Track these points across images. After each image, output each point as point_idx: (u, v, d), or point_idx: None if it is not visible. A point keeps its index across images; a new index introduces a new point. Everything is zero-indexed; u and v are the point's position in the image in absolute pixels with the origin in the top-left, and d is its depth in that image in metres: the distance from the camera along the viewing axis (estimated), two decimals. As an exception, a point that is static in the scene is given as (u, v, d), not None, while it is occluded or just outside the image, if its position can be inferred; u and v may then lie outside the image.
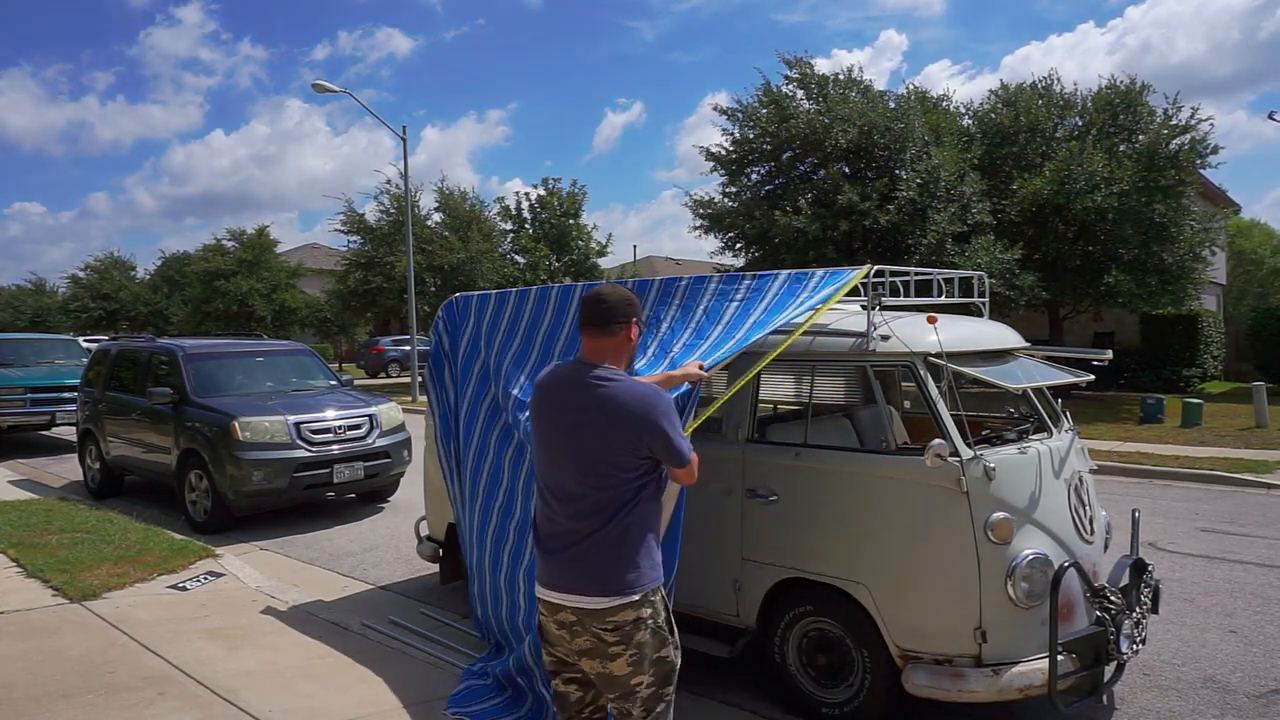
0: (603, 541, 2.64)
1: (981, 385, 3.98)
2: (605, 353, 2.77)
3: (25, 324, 41.19)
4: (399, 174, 26.57)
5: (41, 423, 13.41)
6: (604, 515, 2.65)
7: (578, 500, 2.68)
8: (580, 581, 2.65)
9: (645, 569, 2.68)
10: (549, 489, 2.77)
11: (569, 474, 2.70)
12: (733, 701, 4.27)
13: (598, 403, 2.66)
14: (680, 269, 44.80)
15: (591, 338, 2.79)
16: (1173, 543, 7.31)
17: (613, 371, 2.73)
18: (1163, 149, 17.59)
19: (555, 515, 2.74)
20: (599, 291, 2.84)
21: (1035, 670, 3.49)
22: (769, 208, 18.12)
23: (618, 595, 2.62)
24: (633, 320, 2.82)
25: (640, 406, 2.65)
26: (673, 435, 2.68)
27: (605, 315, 2.77)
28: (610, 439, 2.64)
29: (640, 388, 2.72)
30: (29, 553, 6.59)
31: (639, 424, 2.63)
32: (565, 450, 2.71)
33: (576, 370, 2.77)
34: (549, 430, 2.78)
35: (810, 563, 3.92)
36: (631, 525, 2.67)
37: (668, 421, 2.67)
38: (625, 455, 2.64)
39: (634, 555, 2.66)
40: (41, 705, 4.02)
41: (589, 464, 2.66)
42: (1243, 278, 38.75)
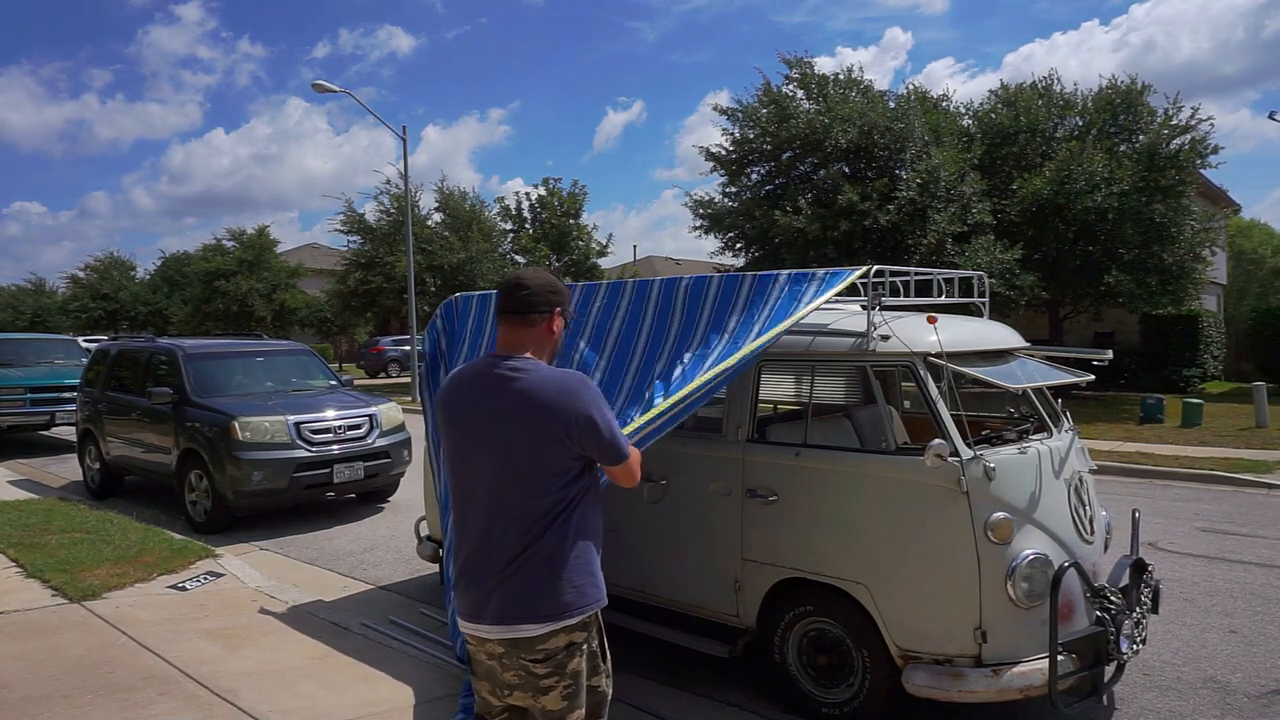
0: (534, 561, 2.30)
1: (981, 385, 3.98)
2: (523, 345, 2.44)
3: (25, 324, 41.18)
4: (399, 174, 26.59)
5: (41, 423, 13.41)
6: (534, 530, 2.31)
7: (501, 515, 2.34)
8: (509, 610, 2.30)
9: (586, 588, 2.36)
10: (466, 505, 2.42)
11: (488, 484, 2.36)
12: (733, 701, 4.27)
13: (514, 397, 2.33)
14: (680, 269, 44.80)
15: (509, 327, 2.46)
16: (1173, 543, 7.31)
17: (529, 361, 2.41)
18: (1163, 149, 17.59)
19: (475, 535, 2.38)
20: (520, 275, 2.51)
21: (1035, 670, 3.49)
22: (769, 208, 18.11)
23: (552, 620, 2.30)
24: (556, 310, 2.49)
25: (564, 396, 2.32)
26: (605, 426, 2.36)
27: (525, 302, 2.45)
28: (533, 438, 2.31)
29: (562, 375, 2.39)
30: (29, 553, 6.59)
31: (564, 416, 2.30)
32: (481, 457, 2.37)
33: (487, 364, 2.44)
34: (460, 436, 2.44)
35: (810, 563, 3.92)
36: (568, 538, 2.34)
37: (598, 411, 2.35)
38: (553, 456, 2.32)
39: (572, 573, 2.33)
40: (41, 705, 4.02)
41: (511, 470, 2.33)
42: (1243, 278, 38.75)
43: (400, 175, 25.04)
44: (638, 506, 4.54)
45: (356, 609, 5.67)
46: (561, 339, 2.59)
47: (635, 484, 2.57)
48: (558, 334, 2.53)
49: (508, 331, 2.46)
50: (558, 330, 2.52)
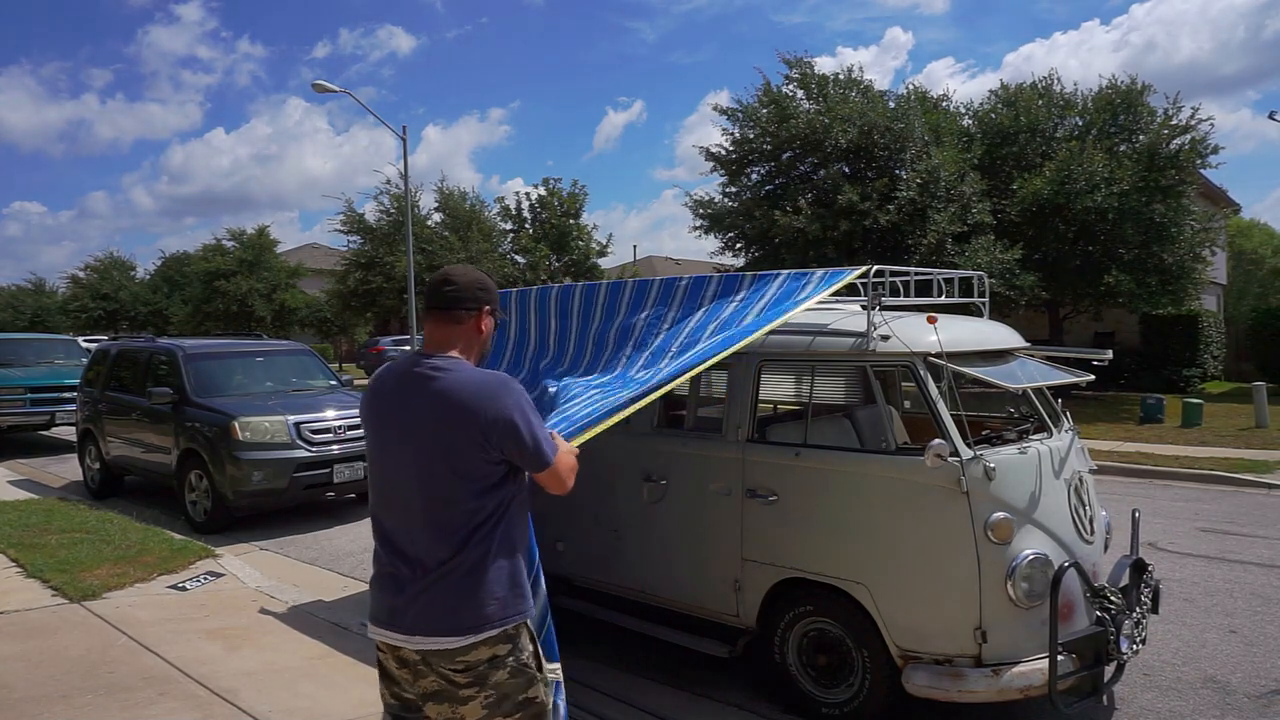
0: (456, 572, 2.20)
1: (981, 385, 3.98)
2: (450, 343, 2.34)
3: (25, 324, 41.19)
4: (399, 174, 26.61)
5: (41, 423, 13.41)
6: (455, 539, 2.21)
7: (420, 521, 2.24)
8: (427, 621, 2.21)
9: (509, 600, 2.26)
10: (386, 509, 2.32)
11: (408, 490, 2.25)
12: (733, 701, 4.27)
13: (432, 397, 2.23)
14: (680, 269, 44.80)
15: (435, 324, 2.36)
16: (1173, 543, 7.31)
17: (451, 360, 2.29)
18: (1163, 149, 17.59)
19: (395, 542, 2.28)
20: (447, 271, 2.41)
21: (1035, 670, 3.49)
22: (769, 208, 18.11)
23: (472, 633, 2.20)
24: (484, 308, 2.39)
25: (482, 397, 2.20)
26: (527, 431, 2.24)
27: (451, 298, 2.34)
28: (450, 440, 2.20)
29: (483, 375, 2.28)
30: (29, 553, 6.59)
31: (481, 418, 2.18)
32: (401, 460, 2.27)
33: (410, 362, 2.33)
34: (381, 436, 2.34)
35: (810, 563, 3.92)
36: (491, 548, 2.24)
37: (520, 414, 2.23)
38: (472, 460, 2.21)
39: (495, 585, 2.23)
40: (41, 705, 4.02)
41: (430, 475, 2.22)
42: (1243, 278, 38.73)
43: (400, 175, 25.06)
44: (638, 506, 4.54)
45: (356, 609, 5.67)
46: (491, 340, 2.50)
47: (565, 491, 2.45)
48: (486, 333, 2.43)
49: (434, 329, 2.36)
50: (486, 329, 2.42)
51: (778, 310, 3.79)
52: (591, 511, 4.78)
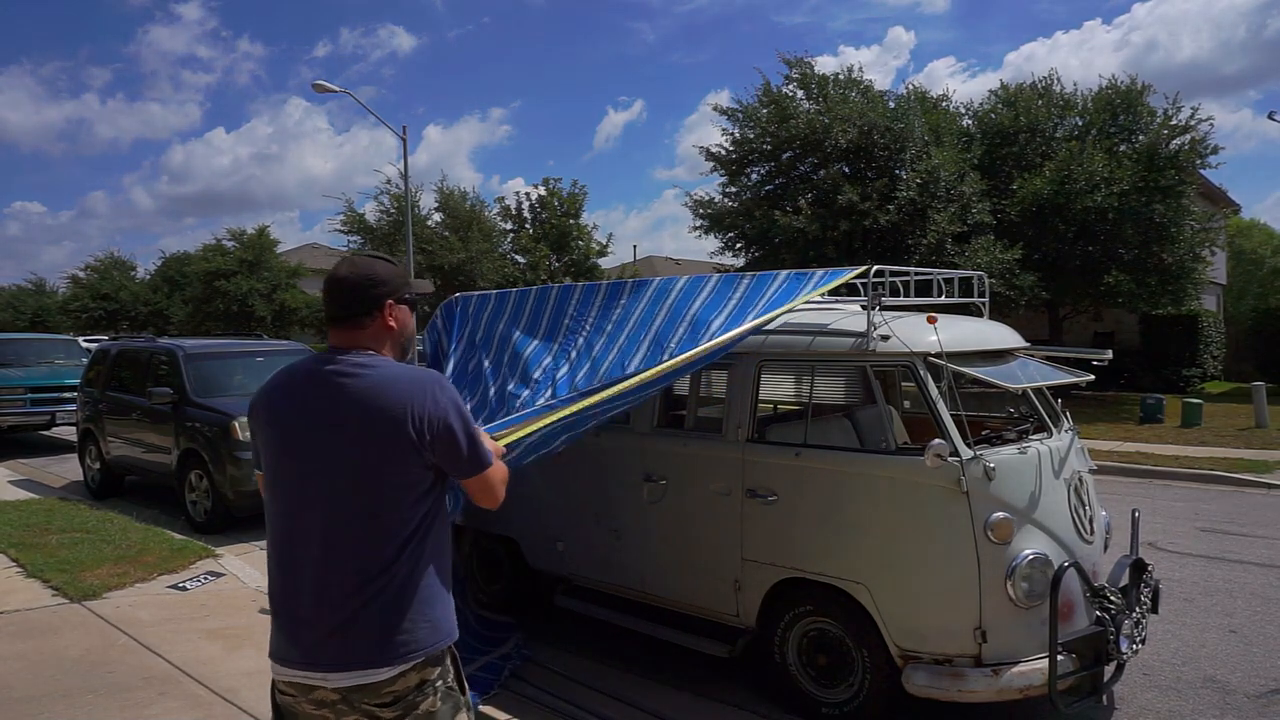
0: (384, 593, 1.95)
1: (981, 385, 3.99)
2: (361, 345, 2.09)
3: (25, 324, 41.20)
4: (399, 173, 26.62)
5: (42, 423, 13.41)
6: (380, 558, 1.96)
7: (338, 543, 1.97)
8: (352, 654, 1.95)
9: (440, 621, 2.04)
10: (290, 532, 2.03)
11: (320, 507, 1.99)
12: (733, 701, 4.27)
13: (354, 399, 1.97)
14: (680, 269, 44.80)
15: (335, 332, 2.10)
16: (1172, 543, 7.32)
17: (372, 357, 2.05)
18: (1163, 149, 17.61)
19: (303, 569, 1.99)
20: (334, 274, 2.11)
21: (1035, 670, 3.49)
22: (769, 208, 18.12)
23: (402, 660, 1.97)
24: (387, 302, 2.10)
25: (415, 396, 1.97)
26: (463, 432, 2.02)
27: (346, 303, 2.08)
28: (378, 447, 1.95)
29: (411, 371, 2.05)
30: (29, 553, 6.59)
31: (416, 419, 1.95)
32: (311, 474, 2.00)
33: (319, 360, 2.07)
34: (284, 448, 2.04)
35: (810, 563, 3.92)
36: (420, 565, 2.00)
37: (455, 414, 2.01)
38: (402, 468, 1.97)
39: (425, 605, 2.01)
40: (41, 705, 4.02)
41: (350, 489, 1.97)
42: (1243, 278, 38.71)
43: (400, 175, 25.06)
44: (638, 506, 4.54)
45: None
46: (412, 330, 2.22)
47: (496, 504, 2.21)
48: (400, 327, 2.14)
49: (337, 337, 2.09)
50: (400, 323, 2.14)
51: (776, 306, 3.80)
52: (592, 511, 4.79)
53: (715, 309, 3.92)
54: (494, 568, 5.60)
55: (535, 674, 4.59)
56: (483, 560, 5.68)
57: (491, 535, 5.51)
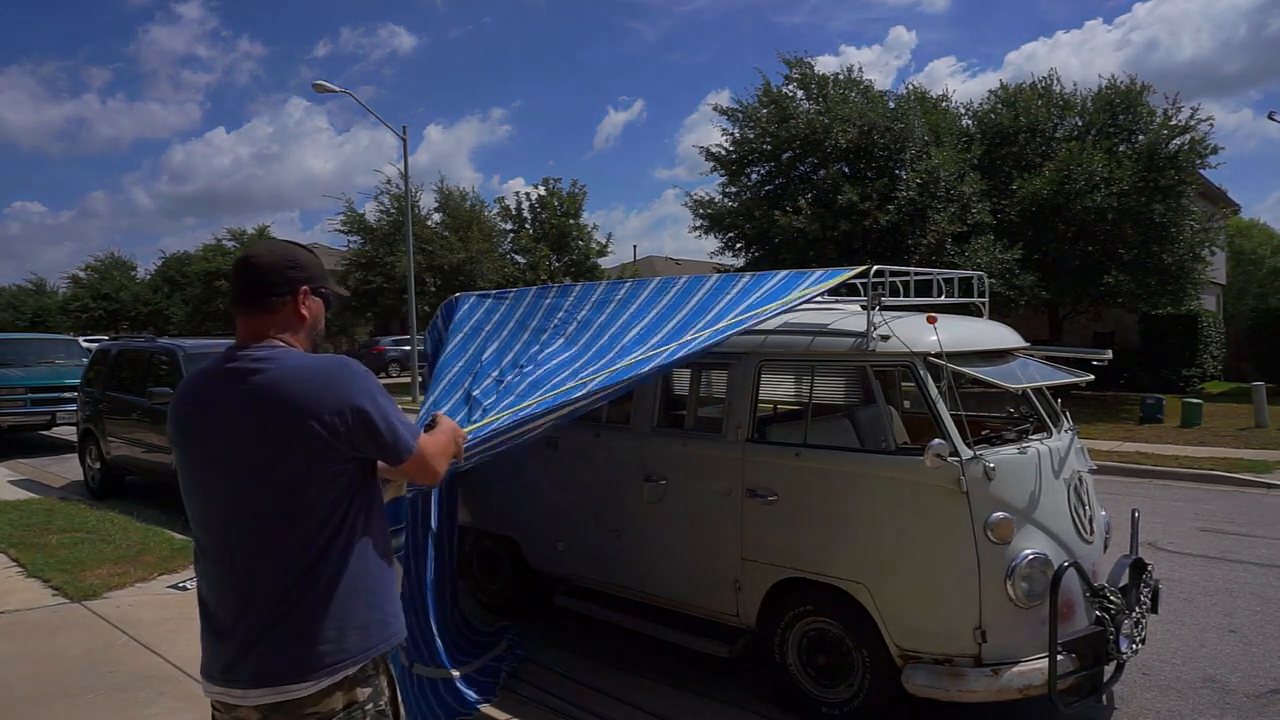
0: (302, 603, 1.83)
1: (981, 385, 3.99)
2: (268, 333, 1.96)
3: (25, 324, 41.22)
4: (399, 173, 26.62)
5: (42, 423, 13.42)
6: (299, 563, 1.83)
7: (252, 548, 1.85)
8: (270, 666, 1.82)
9: (370, 627, 1.91)
10: (208, 538, 1.91)
11: (232, 510, 1.87)
12: (733, 701, 4.27)
13: (259, 395, 1.84)
14: (680, 269, 44.80)
15: (244, 318, 1.97)
16: (1172, 542, 7.32)
17: (276, 349, 1.92)
18: (1162, 149, 17.61)
19: (220, 576, 1.89)
20: (247, 254, 2.01)
21: (1035, 670, 3.50)
22: (769, 208, 18.13)
23: (324, 673, 1.83)
24: (301, 289, 1.99)
25: (323, 385, 1.85)
26: (380, 417, 1.89)
27: (258, 284, 1.95)
28: (288, 444, 1.82)
29: (317, 360, 1.91)
30: (30, 552, 6.60)
31: (327, 410, 1.82)
32: (220, 475, 1.88)
33: (222, 359, 1.95)
34: (194, 453, 1.92)
35: (810, 563, 3.92)
36: (345, 568, 1.88)
37: (368, 399, 1.88)
38: (317, 463, 1.85)
39: (348, 613, 1.87)
40: (42, 704, 4.03)
41: (261, 489, 1.85)
42: (1242, 278, 38.74)
43: (400, 175, 25.06)
44: (638, 506, 4.54)
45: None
46: (322, 328, 2.09)
47: (437, 479, 2.12)
48: (312, 317, 2.02)
49: (244, 324, 1.97)
50: (311, 312, 2.01)
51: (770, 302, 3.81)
52: (592, 511, 4.79)
53: (711, 304, 3.93)
54: (494, 568, 5.60)
55: (535, 674, 4.60)
56: (483, 560, 5.68)
57: (491, 535, 5.51)
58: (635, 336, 3.88)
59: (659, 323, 3.94)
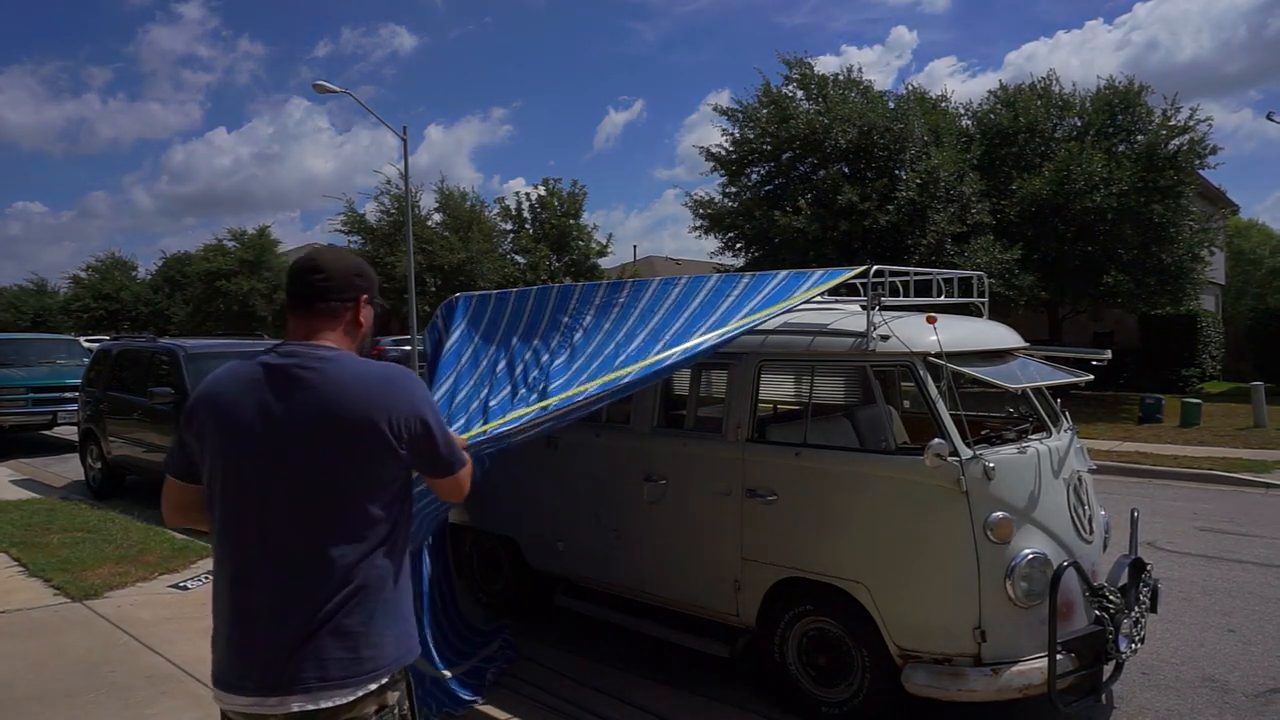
0: (350, 611, 1.80)
1: (981, 385, 4.00)
2: (320, 335, 1.94)
3: (27, 324, 41.25)
4: (399, 173, 26.64)
5: (43, 422, 13.42)
6: (346, 571, 1.80)
7: (300, 557, 1.80)
8: (310, 676, 1.78)
9: (403, 636, 1.91)
10: (243, 544, 1.85)
11: (282, 513, 1.82)
12: (733, 701, 4.28)
13: (318, 397, 1.81)
14: (680, 269, 44.79)
15: (302, 319, 1.94)
16: (1171, 542, 7.33)
17: (332, 351, 1.89)
18: (1161, 149, 17.63)
19: (261, 583, 1.82)
20: (314, 257, 1.98)
21: (1034, 669, 3.51)
22: (769, 208, 18.14)
23: (366, 679, 1.82)
24: (363, 297, 1.99)
25: (389, 393, 1.84)
26: (439, 430, 1.91)
27: (321, 289, 1.93)
28: (347, 449, 1.80)
29: (382, 366, 1.90)
30: (31, 552, 6.60)
31: (391, 418, 1.81)
32: (268, 479, 1.82)
33: (276, 355, 1.89)
34: (235, 452, 1.85)
35: (810, 562, 3.93)
36: (390, 575, 1.87)
37: (431, 411, 1.90)
38: (372, 470, 1.83)
39: (386, 623, 1.86)
40: (43, 704, 4.03)
41: (322, 492, 1.81)
42: (1242, 278, 38.72)
43: (401, 175, 25.07)
44: (638, 506, 4.55)
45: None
46: (370, 333, 2.09)
47: (462, 499, 2.11)
48: (366, 326, 2.03)
49: (300, 323, 1.94)
50: (366, 322, 2.02)
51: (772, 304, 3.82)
52: (592, 511, 4.80)
53: (713, 306, 3.93)
54: (494, 568, 5.61)
55: (535, 674, 4.60)
56: (483, 560, 5.69)
57: (491, 535, 5.52)
58: (639, 346, 3.88)
59: (661, 329, 3.94)
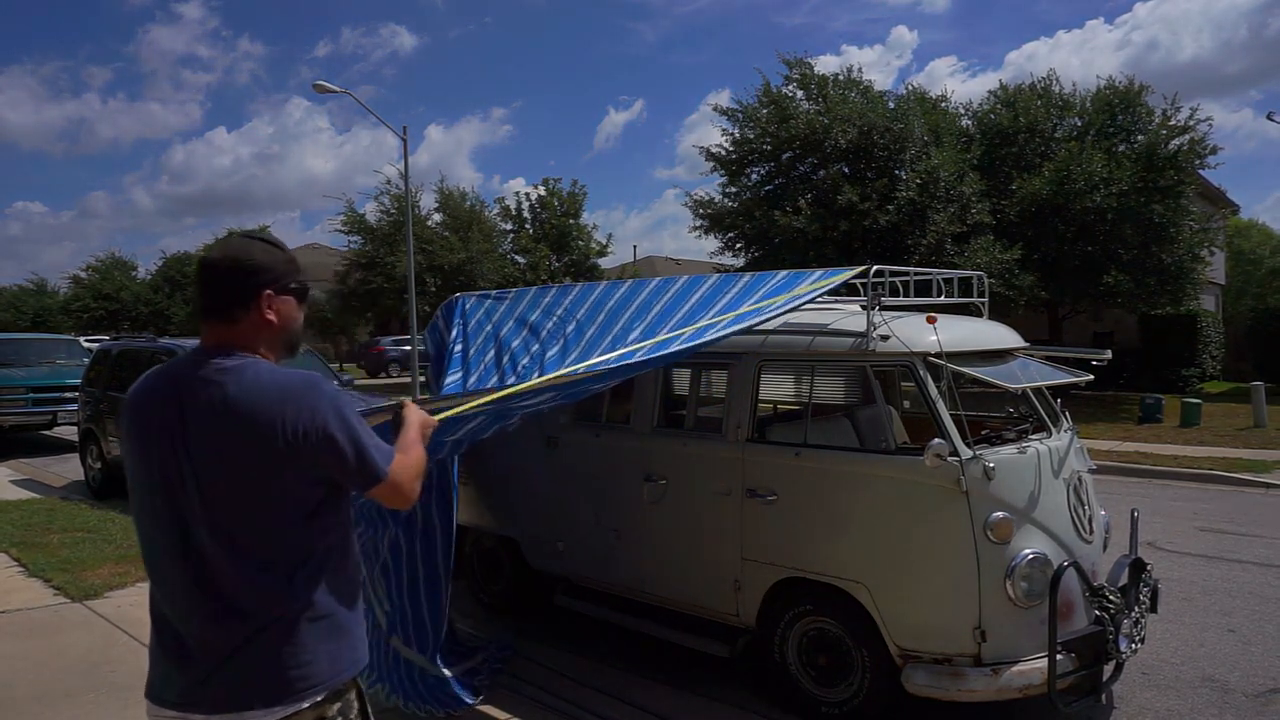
0: (277, 624, 1.75)
1: (981, 385, 4.00)
2: (233, 343, 1.83)
3: (27, 324, 41.18)
4: (399, 173, 26.64)
5: (43, 422, 13.43)
6: (264, 589, 1.74)
7: (215, 571, 1.74)
8: (235, 693, 1.74)
9: (339, 653, 1.83)
10: (163, 555, 1.80)
11: (193, 529, 1.76)
12: (733, 701, 4.28)
13: (220, 408, 1.74)
14: (680, 269, 44.80)
15: (206, 327, 1.86)
16: (1171, 542, 7.33)
17: (243, 359, 1.80)
18: (1161, 149, 17.63)
19: (186, 599, 1.77)
20: (202, 261, 1.87)
21: (1034, 669, 3.51)
22: (769, 208, 18.14)
23: (291, 701, 1.75)
24: (263, 293, 1.84)
25: (284, 404, 1.73)
26: (346, 439, 1.77)
27: (218, 294, 1.84)
28: (252, 461, 1.73)
29: (283, 376, 1.79)
30: (31, 552, 6.61)
31: (288, 431, 1.72)
32: (180, 491, 1.76)
33: (188, 363, 1.82)
34: (151, 463, 1.79)
35: (810, 562, 3.93)
36: (313, 594, 1.78)
37: (335, 419, 1.76)
38: (284, 484, 1.75)
39: (320, 639, 1.79)
40: (44, 704, 4.04)
41: (229, 507, 1.74)
42: (1241, 277, 38.71)
43: (401, 175, 25.06)
44: (638, 506, 4.55)
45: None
46: (299, 325, 1.93)
47: (409, 505, 1.95)
48: (283, 321, 1.88)
49: (205, 333, 1.85)
50: (280, 315, 1.87)
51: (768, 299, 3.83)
52: (592, 511, 4.80)
53: (712, 302, 3.94)
54: (494, 568, 5.61)
55: (535, 674, 4.60)
56: (483, 560, 5.69)
57: (492, 535, 5.52)
58: (636, 338, 3.89)
59: (658, 323, 3.94)
